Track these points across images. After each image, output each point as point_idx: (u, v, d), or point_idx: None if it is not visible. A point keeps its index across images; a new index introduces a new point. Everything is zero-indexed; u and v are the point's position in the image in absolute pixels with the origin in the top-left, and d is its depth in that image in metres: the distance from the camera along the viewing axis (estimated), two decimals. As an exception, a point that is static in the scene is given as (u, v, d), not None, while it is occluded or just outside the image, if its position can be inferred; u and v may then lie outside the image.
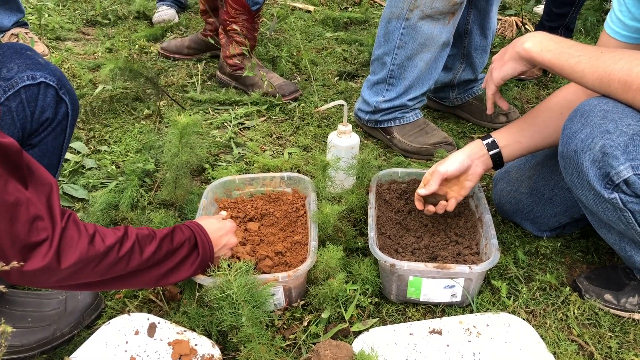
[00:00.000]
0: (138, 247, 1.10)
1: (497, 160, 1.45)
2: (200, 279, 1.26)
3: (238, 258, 1.39)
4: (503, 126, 2.15)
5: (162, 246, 1.14)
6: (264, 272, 1.40)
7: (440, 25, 1.85)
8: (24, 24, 2.65)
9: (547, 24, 2.51)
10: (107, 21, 3.13)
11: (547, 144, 1.44)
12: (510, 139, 1.44)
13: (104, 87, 2.39)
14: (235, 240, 1.37)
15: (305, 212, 1.61)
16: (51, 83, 1.18)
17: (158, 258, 1.13)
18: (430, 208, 1.50)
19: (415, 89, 1.98)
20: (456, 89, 2.22)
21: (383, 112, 2.04)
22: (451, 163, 1.43)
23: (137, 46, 2.77)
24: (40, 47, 2.58)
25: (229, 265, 1.20)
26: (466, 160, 1.43)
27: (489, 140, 1.45)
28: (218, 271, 1.20)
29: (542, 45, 1.26)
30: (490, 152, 1.44)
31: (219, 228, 1.32)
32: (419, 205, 1.51)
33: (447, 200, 1.49)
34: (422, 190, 1.47)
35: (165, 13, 3.04)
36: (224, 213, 1.51)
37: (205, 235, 1.25)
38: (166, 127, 2.14)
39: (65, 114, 1.23)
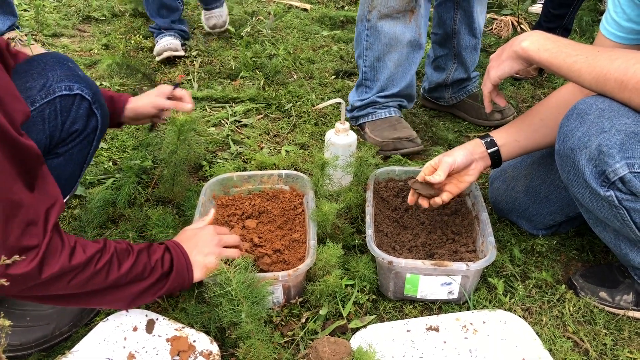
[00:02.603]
0: (116, 260, 1.11)
1: (496, 159, 1.46)
2: None
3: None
4: (498, 124, 2.20)
5: (140, 261, 1.15)
6: (262, 270, 1.41)
7: (402, 25, 1.87)
8: (17, 28, 2.64)
9: (545, 24, 2.52)
10: (103, 18, 3.12)
11: (545, 144, 1.45)
12: (509, 138, 1.45)
13: (101, 84, 2.38)
14: (215, 261, 1.24)
15: (303, 210, 1.61)
16: (86, 96, 1.20)
17: (136, 273, 1.13)
18: (424, 202, 1.47)
19: (389, 89, 2.02)
20: (450, 88, 2.24)
21: (357, 109, 2.09)
22: (458, 155, 1.43)
23: (133, 42, 2.76)
24: (36, 49, 2.57)
25: (227, 263, 1.21)
26: (469, 155, 1.44)
27: (488, 139, 1.46)
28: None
29: (539, 44, 1.27)
30: (489, 150, 1.45)
31: (202, 246, 1.28)
32: (421, 185, 1.45)
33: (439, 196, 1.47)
34: (432, 178, 1.41)
35: (170, 43, 2.63)
36: (209, 216, 1.43)
37: (183, 254, 1.23)
38: (163, 124, 2.13)
39: (94, 128, 1.25)
